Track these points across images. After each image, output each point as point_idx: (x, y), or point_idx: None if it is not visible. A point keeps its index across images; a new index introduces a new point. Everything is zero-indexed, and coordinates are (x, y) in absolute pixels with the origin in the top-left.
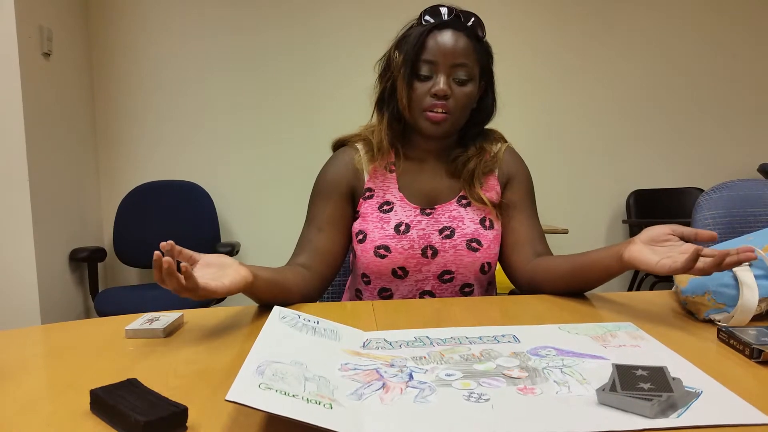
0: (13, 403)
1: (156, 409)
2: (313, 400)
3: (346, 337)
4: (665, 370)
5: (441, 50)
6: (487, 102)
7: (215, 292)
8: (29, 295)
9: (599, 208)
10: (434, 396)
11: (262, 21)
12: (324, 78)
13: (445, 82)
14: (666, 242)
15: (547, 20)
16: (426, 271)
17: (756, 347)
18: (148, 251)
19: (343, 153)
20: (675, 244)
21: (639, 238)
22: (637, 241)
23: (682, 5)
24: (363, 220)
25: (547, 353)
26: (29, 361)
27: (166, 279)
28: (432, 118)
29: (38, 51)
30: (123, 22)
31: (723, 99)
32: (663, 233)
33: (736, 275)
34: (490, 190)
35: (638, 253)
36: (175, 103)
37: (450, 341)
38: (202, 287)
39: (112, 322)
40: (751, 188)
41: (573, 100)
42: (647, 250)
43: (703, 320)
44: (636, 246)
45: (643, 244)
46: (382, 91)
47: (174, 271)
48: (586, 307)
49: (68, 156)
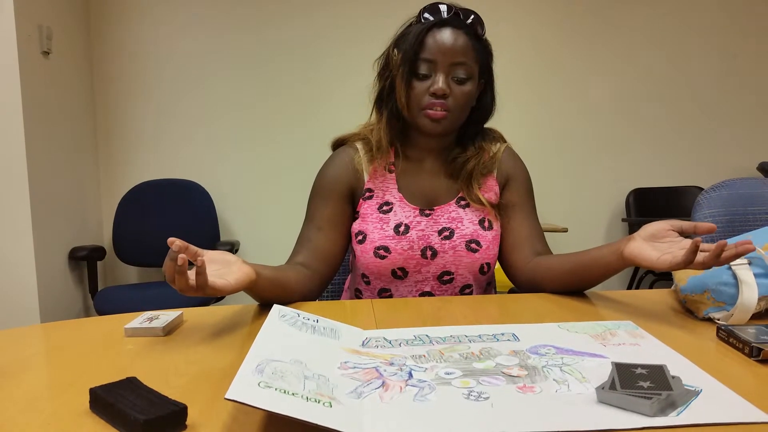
0: (13, 402)
1: (156, 408)
2: (312, 398)
3: (345, 336)
4: (665, 368)
5: (440, 49)
6: (487, 100)
7: (222, 290)
8: (29, 294)
9: (599, 207)
10: (434, 394)
11: (261, 20)
12: (324, 77)
13: (444, 81)
14: (665, 238)
15: (547, 19)
16: (425, 272)
17: (755, 345)
18: (147, 250)
19: (342, 152)
20: (675, 240)
21: (639, 234)
22: (637, 238)
23: (682, 4)
24: (363, 221)
25: (546, 352)
26: (29, 360)
27: (176, 277)
28: (431, 116)
29: (38, 50)
30: (122, 22)
31: (722, 97)
32: (662, 229)
33: (736, 273)
34: (489, 191)
35: (638, 249)
36: (174, 102)
37: (449, 340)
38: (210, 286)
39: (112, 321)
40: (750, 187)
41: (573, 99)
42: (647, 247)
43: (703, 318)
44: (636, 242)
45: (643, 241)
46: (381, 90)
47: (185, 270)
48: (586, 305)
49: (67, 155)
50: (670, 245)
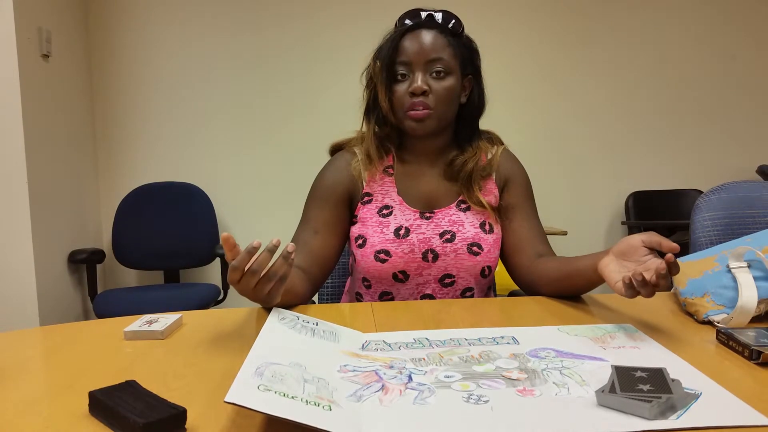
0: (12, 404)
1: (155, 411)
2: (312, 401)
3: (345, 339)
4: (664, 371)
5: (414, 49)
6: (475, 97)
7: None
8: (28, 297)
9: (598, 210)
10: (433, 397)
11: (261, 24)
12: (323, 81)
13: (422, 79)
14: (634, 255)
15: (546, 21)
16: (427, 275)
17: (755, 349)
18: (146, 253)
19: (341, 157)
20: (642, 258)
21: (613, 249)
22: (610, 253)
23: (682, 6)
24: (362, 225)
25: (546, 355)
26: (28, 362)
27: (252, 276)
28: (414, 116)
29: (37, 53)
30: (122, 25)
31: (722, 100)
32: (633, 245)
33: (736, 276)
34: (489, 194)
35: (605, 268)
36: (173, 105)
37: (449, 343)
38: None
39: (111, 324)
40: (749, 190)
41: (572, 102)
42: (614, 266)
43: (703, 322)
44: (606, 259)
45: (614, 257)
46: (368, 100)
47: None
48: (586, 308)
49: (67, 158)
50: (636, 263)
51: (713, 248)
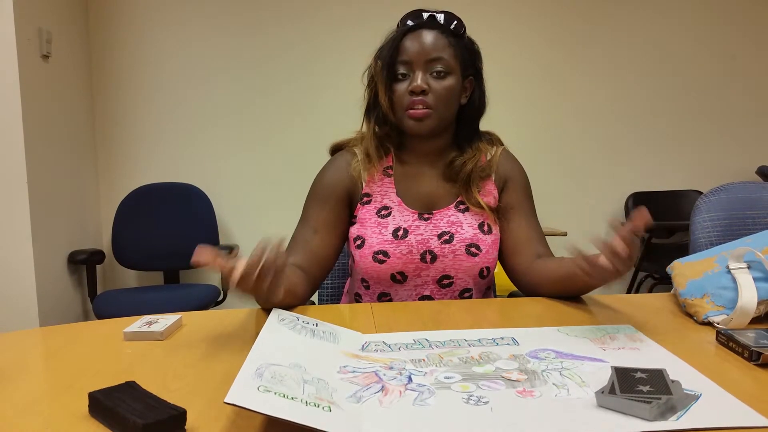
0: (12, 405)
1: (155, 412)
2: (312, 402)
3: (344, 340)
4: (664, 372)
5: (414, 48)
6: (476, 98)
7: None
8: (28, 298)
9: (598, 211)
10: (433, 398)
11: (261, 24)
12: (323, 81)
13: (422, 78)
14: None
15: (546, 22)
16: (425, 276)
17: (755, 350)
18: (146, 254)
19: (340, 157)
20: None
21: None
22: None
23: (681, 6)
24: (361, 226)
25: (546, 356)
26: (28, 363)
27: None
28: (413, 115)
29: (37, 53)
30: (122, 25)
31: (721, 101)
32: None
33: (735, 277)
34: (488, 195)
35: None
36: (173, 105)
37: (449, 344)
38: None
39: (111, 325)
40: (749, 191)
41: (572, 102)
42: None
43: (702, 322)
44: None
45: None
46: (369, 100)
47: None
48: (585, 309)
49: (67, 158)
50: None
51: (713, 249)
